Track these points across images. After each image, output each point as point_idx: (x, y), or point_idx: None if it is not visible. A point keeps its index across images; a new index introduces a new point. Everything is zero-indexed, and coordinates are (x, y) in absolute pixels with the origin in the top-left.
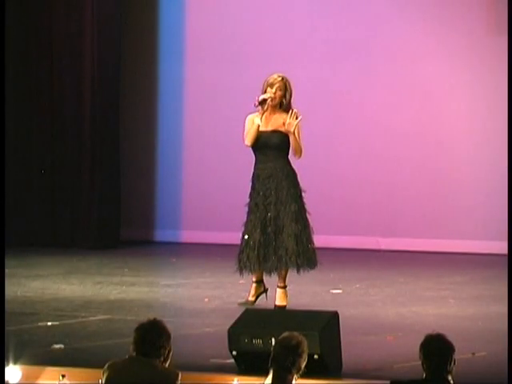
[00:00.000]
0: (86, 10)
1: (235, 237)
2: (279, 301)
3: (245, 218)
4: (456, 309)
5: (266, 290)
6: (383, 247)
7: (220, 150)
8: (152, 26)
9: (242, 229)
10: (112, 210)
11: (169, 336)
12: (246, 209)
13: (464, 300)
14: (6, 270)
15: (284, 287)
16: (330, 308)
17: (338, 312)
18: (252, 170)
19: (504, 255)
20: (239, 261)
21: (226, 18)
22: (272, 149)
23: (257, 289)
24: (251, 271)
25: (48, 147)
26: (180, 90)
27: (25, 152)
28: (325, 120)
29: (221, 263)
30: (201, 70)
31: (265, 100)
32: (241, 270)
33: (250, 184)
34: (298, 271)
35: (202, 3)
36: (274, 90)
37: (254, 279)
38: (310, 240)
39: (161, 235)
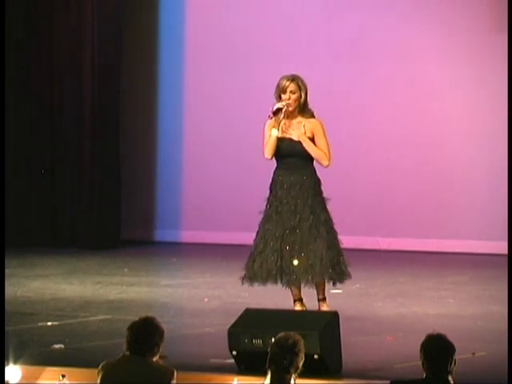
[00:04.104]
0: (86, 9)
1: (235, 237)
2: None
3: (258, 226)
4: (456, 309)
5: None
6: (383, 247)
7: (220, 150)
8: (152, 26)
9: (255, 237)
10: (112, 209)
11: (162, 332)
12: (262, 216)
13: (464, 300)
14: (6, 270)
15: (324, 299)
16: (330, 308)
17: (338, 312)
18: (272, 176)
19: (504, 255)
20: (248, 270)
21: (226, 18)
22: (297, 156)
23: (301, 307)
24: (263, 282)
25: (48, 147)
26: (180, 90)
27: (25, 152)
28: (324, 120)
29: (221, 263)
30: (201, 70)
31: (279, 109)
32: (249, 279)
33: (269, 191)
34: (333, 284)
35: (203, 3)
36: (287, 95)
37: (294, 298)
38: (341, 251)
39: (161, 235)
